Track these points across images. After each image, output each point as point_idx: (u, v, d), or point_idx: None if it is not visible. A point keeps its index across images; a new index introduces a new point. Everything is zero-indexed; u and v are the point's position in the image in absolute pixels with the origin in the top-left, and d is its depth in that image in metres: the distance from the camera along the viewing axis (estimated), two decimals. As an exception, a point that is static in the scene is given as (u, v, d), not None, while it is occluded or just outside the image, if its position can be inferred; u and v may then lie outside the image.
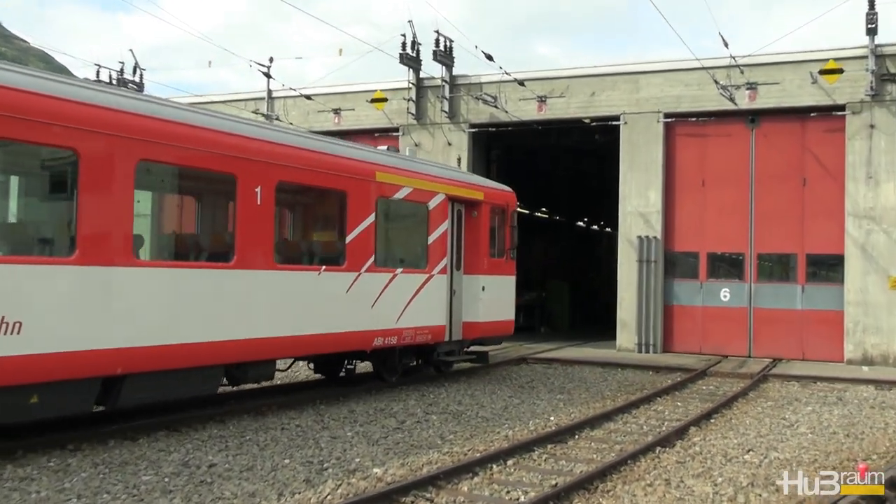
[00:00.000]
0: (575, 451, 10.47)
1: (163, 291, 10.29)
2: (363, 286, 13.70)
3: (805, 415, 13.71)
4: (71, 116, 9.25)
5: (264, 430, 11.11)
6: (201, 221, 13.23)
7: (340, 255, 13.47)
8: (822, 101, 21.43)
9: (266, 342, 11.81)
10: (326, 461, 9.45)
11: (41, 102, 9.00)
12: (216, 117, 11.88)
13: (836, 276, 21.67)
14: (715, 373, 18.83)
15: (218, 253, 11.63)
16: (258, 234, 11.68)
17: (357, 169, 13.80)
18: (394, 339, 14.52)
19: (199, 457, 9.47)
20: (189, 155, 10.77)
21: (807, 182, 21.98)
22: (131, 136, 9.90)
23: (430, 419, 12.29)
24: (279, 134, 12.77)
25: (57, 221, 10.25)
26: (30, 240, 9.85)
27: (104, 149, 9.57)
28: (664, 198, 23.07)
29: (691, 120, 22.92)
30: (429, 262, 15.58)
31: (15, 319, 8.50)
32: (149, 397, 10.45)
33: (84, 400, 9.56)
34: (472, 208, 16.88)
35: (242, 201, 11.52)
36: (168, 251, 12.43)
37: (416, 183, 15.22)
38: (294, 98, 26.27)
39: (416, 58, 24.79)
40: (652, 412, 13.65)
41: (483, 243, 16.99)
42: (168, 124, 10.47)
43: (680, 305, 23.15)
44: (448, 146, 24.93)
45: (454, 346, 16.60)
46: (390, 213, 14.98)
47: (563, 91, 23.94)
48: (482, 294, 16.78)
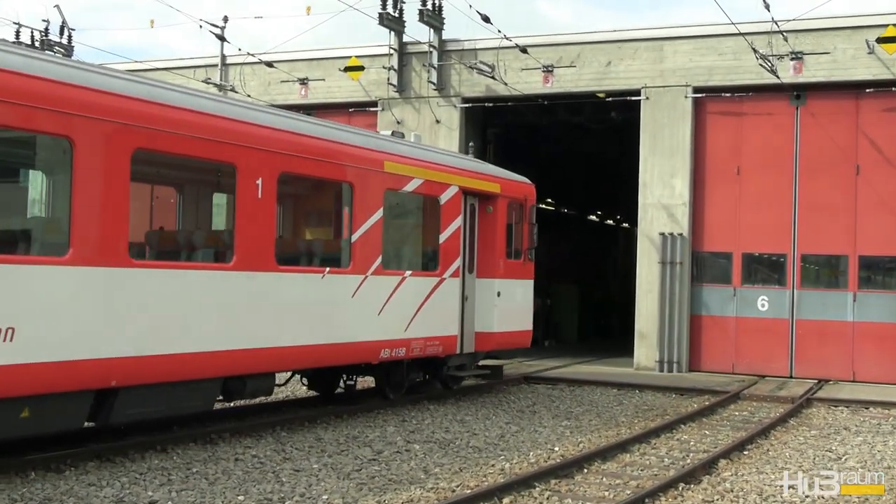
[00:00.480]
0: (583, 487, 10.54)
1: (159, 294, 10.94)
2: (370, 291, 14.26)
3: (855, 446, 13.83)
4: (68, 101, 9.84)
5: (214, 460, 11.12)
6: (198, 217, 14.02)
7: (345, 256, 14.10)
8: (879, 74, 21.59)
9: (267, 352, 12.44)
10: (288, 498, 9.48)
11: (35, 85, 9.58)
12: (215, 100, 12.54)
13: (894, 281, 21.83)
14: (750, 396, 18.96)
15: (217, 252, 12.40)
16: (259, 232, 12.26)
17: (364, 158, 14.36)
18: (402, 350, 15.04)
19: (136, 492, 9.48)
20: (185, 142, 11.35)
21: (861, 170, 22.13)
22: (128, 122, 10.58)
23: (413, 449, 12.33)
24: (282, 119, 13.33)
25: (52, 218, 11.08)
26: (23, 238, 10.62)
27: (99, 137, 10.23)
28: (692, 188, 23.20)
29: (725, 95, 23.04)
30: (440, 263, 16.09)
31: (7, 325, 9.09)
32: (141, 413, 11.10)
33: (76, 415, 10.28)
34: (486, 202, 17.39)
35: (242, 195, 12.06)
36: (167, 250, 12.92)
37: (427, 174, 15.73)
38: (253, 65, 26.27)
39: (399, 18, 24.81)
40: (675, 442, 13.74)
41: (499, 242, 17.47)
42: (168, 109, 11.14)
43: (709, 316, 23.28)
44: (436, 124, 25.01)
45: (465, 360, 17.14)
46: (399, 208, 15.60)
47: (574, 60, 24.03)
48: (497, 300, 17.24)
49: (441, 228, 16.08)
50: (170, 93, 11.60)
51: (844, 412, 17.49)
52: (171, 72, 25.74)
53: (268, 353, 12.45)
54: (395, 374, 15.67)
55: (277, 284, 12.61)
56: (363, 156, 14.38)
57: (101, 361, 10.19)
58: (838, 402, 18.40)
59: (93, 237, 10.15)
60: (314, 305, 13.33)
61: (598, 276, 38.39)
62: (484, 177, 17.56)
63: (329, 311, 13.60)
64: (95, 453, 10.86)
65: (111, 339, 10.28)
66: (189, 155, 11.66)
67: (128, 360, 10.50)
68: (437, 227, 16.05)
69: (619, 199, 34.37)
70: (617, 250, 41.67)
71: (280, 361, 12.96)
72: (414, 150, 16.16)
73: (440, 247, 16.09)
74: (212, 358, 11.57)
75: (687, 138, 23.12)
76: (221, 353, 11.68)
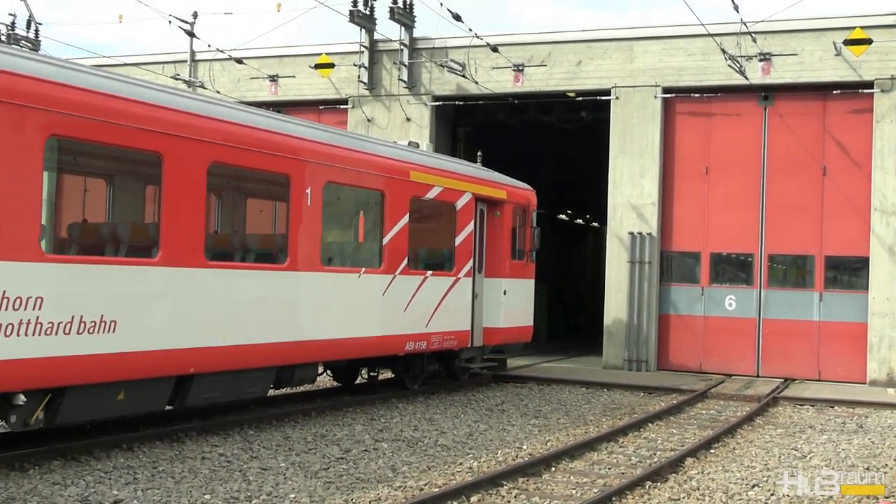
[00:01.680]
0: (551, 485, 10.58)
1: (227, 292, 12.44)
2: (397, 289, 15.84)
3: (820, 444, 13.98)
4: (159, 121, 11.35)
5: (181, 459, 11.09)
6: (260, 223, 15.74)
7: (377, 257, 15.62)
8: (846, 76, 21.81)
9: (314, 345, 14.04)
10: (255, 497, 9.46)
11: (134, 108, 11.09)
12: (274, 118, 14.17)
13: (860, 281, 22.08)
14: (717, 394, 19.12)
15: (271, 255, 13.95)
16: (308, 236, 13.83)
17: (393, 168, 15.99)
18: (423, 343, 16.56)
19: (101, 491, 9.42)
20: (249, 156, 12.93)
21: (827, 171, 22.35)
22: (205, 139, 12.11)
23: (381, 447, 12.34)
24: (329, 135, 15.04)
25: (146, 224, 12.90)
26: (119, 242, 11.90)
27: (187, 153, 11.77)
28: (661, 188, 23.34)
29: (694, 96, 23.20)
30: (455, 264, 17.69)
31: (112, 318, 10.57)
32: (211, 398, 12.62)
33: (160, 398, 11.79)
34: (494, 208, 19.02)
35: (294, 203, 13.55)
36: (233, 253, 14.20)
37: (446, 182, 17.38)
38: (222, 61, 26.13)
39: (370, 16, 24.79)
40: (642, 440, 13.83)
41: (505, 245, 19.12)
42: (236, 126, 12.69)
43: (678, 315, 23.44)
44: (407, 122, 24.99)
45: (475, 353, 18.62)
46: (421, 214, 17.16)
47: (544, 59, 24.09)
48: (503, 298, 18.84)
49: (457, 232, 17.68)
50: (239, 113, 13.26)
51: (810, 411, 17.66)
52: (140, 67, 25.51)
53: (315, 346, 14.05)
54: (415, 365, 17.13)
55: (322, 283, 14.19)
56: (393, 166, 15.98)
57: (182, 351, 11.66)
58: (804, 401, 18.58)
59: (176, 241, 11.59)
60: (352, 302, 14.84)
61: (568, 276, 38.49)
62: (493, 184, 19.08)
63: (364, 307, 15.12)
64: (60, 452, 10.80)
65: (190, 330, 11.79)
66: (252, 167, 13.22)
67: (203, 350, 11.97)
68: (454, 231, 17.65)
69: (589, 199, 34.44)
70: (586, 250, 41.80)
71: (324, 353, 14.57)
72: (433, 161, 17.81)
73: (455, 249, 17.67)
74: (270, 349, 13.08)
75: (656, 138, 23.24)
76: (277, 345, 13.21)
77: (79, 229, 12.46)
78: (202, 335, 11.94)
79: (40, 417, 10.26)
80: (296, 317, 13.62)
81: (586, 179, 32.36)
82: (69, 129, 10.39)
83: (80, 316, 10.26)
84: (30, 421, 10.11)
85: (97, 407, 10.99)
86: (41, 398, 10.18)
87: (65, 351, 10.11)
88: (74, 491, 9.37)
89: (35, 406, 10.12)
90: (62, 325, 10.07)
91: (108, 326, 10.56)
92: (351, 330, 14.75)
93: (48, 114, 10.06)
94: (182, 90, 13.14)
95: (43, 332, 9.86)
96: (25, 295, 9.66)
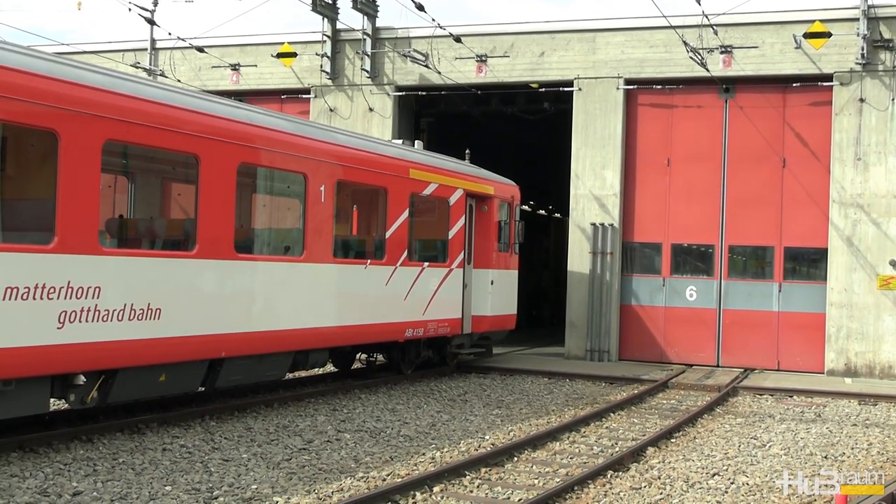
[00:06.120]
0: (513, 475, 10.63)
1: (254, 282, 13.56)
2: (399, 279, 16.99)
3: (779, 433, 14.15)
4: (196, 124, 12.37)
5: (141, 451, 11.01)
6: (284, 219, 16.54)
7: (381, 249, 16.81)
8: (806, 69, 22.03)
9: (326, 331, 15.15)
10: (217, 488, 9.42)
11: (171, 112, 12.07)
12: (295, 122, 15.42)
13: (818, 272, 22.36)
14: (678, 384, 19.29)
15: (289, 248, 15.09)
16: (321, 230, 14.90)
17: (396, 167, 17.16)
18: (420, 330, 17.75)
19: (60, 483, 9.34)
20: (271, 157, 14.03)
21: (787, 163, 22.59)
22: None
23: (343, 438, 12.34)
24: (339, 136, 16.15)
25: (184, 220, 13.76)
26: (162, 237, 13.41)
27: (220, 155, 12.77)
28: (623, 179, 23.47)
29: (656, 87, 23.33)
30: (449, 256, 18.87)
31: (157, 306, 11.58)
32: (238, 380, 13.71)
33: (195, 380, 12.84)
34: (482, 202, 20.24)
35: (310, 200, 14.66)
36: (257, 246, 15.44)
37: (441, 179, 18.53)
38: (183, 50, 25.91)
39: (333, 5, 24.67)
40: (604, 430, 13.93)
41: (492, 237, 20.37)
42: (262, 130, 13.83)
43: (639, 305, 23.61)
44: (369, 112, 24.92)
45: (465, 340, 19.87)
46: (419, 209, 18.22)
47: (507, 50, 24.12)
48: (490, 288, 20.10)
49: (450, 226, 18.84)
50: (263, 117, 14.22)
51: (769, 400, 17.86)
52: (99, 55, 25.22)
53: (328, 332, 15.20)
54: (410, 351, 18.22)
55: (334, 274, 15.36)
56: (396, 165, 17.16)
57: (216, 336, 12.72)
58: (763, 391, 18.80)
59: (210, 236, 12.56)
60: (359, 291, 16.01)
61: (530, 267, 38.59)
62: (481, 180, 20.28)
63: (369, 296, 16.25)
64: (18, 443, 10.68)
65: (223, 317, 12.84)
66: (274, 167, 14.38)
67: (233, 336, 13.03)
68: (447, 225, 18.82)
69: (552, 190, 34.56)
70: (549, 241, 41.90)
71: (335, 339, 15.60)
72: (429, 159, 18.88)
73: (449, 241, 18.86)
74: (289, 335, 14.20)
75: (618, 130, 23.35)
76: (296, 332, 14.33)
77: (129, 225, 13.71)
78: (232, 322, 13.01)
79: (95, 396, 11.20)
80: (312, 305, 14.71)
81: (549, 170, 32.49)
82: (122, 134, 11.38)
83: (131, 304, 11.29)
84: (86, 399, 11.07)
85: (143, 387, 12.06)
86: (96, 379, 11.12)
87: (118, 336, 11.14)
88: (33, 483, 9.27)
89: (91, 386, 11.06)
90: (116, 312, 11.09)
91: (154, 313, 11.60)
92: (358, 317, 15.93)
93: (104, 120, 11.01)
94: (217, 98, 14.17)
95: (100, 318, 10.87)
96: (86, 285, 10.64)
